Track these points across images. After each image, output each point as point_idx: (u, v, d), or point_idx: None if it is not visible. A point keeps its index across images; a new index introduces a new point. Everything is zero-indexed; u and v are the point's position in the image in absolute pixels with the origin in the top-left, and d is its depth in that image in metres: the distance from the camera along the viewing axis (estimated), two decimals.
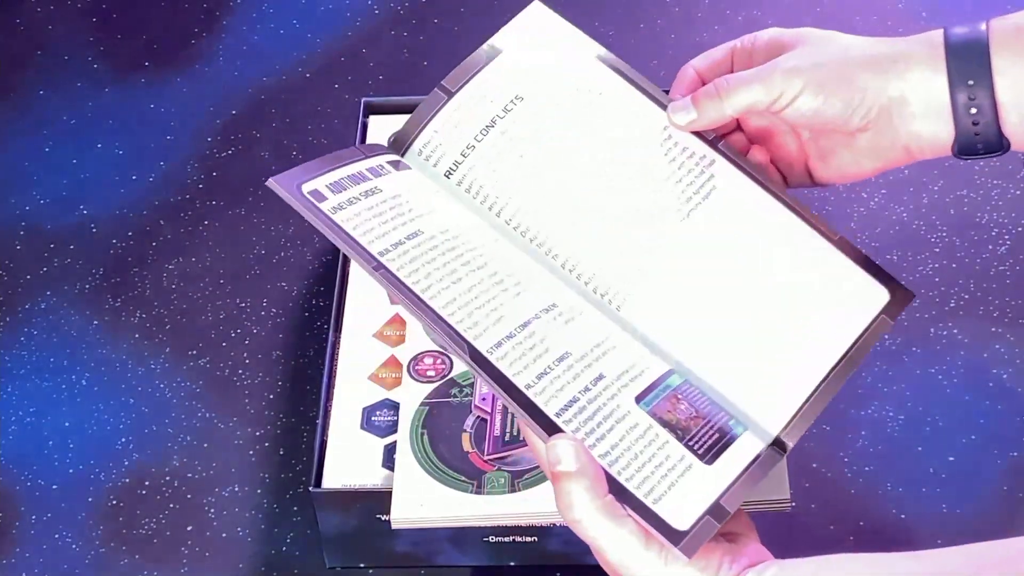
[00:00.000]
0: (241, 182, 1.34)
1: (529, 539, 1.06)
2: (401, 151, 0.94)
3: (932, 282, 1.23)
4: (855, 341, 0.88)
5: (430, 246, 0.87)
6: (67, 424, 1.19)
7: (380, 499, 1.03)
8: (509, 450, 1.02)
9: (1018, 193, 1.29)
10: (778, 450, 0.84)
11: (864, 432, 1.15)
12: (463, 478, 1.01)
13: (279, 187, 0.86)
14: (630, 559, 0.78)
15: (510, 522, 1.00)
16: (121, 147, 1.38)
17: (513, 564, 1.08)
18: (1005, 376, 1.18)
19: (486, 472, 1.01)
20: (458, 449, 1.03)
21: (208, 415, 1.19)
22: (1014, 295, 1.22)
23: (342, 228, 0.86)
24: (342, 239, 0.85)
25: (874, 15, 1.43)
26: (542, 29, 0.97)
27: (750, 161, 0.94)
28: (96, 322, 1.25)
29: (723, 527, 0.81)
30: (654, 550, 0.78)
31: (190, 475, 1.16)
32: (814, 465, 1.13)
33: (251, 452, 1.17)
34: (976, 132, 0.88)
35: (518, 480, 1.01)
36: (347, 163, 0.91)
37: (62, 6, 1.50)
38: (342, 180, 0.89)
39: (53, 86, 1.43)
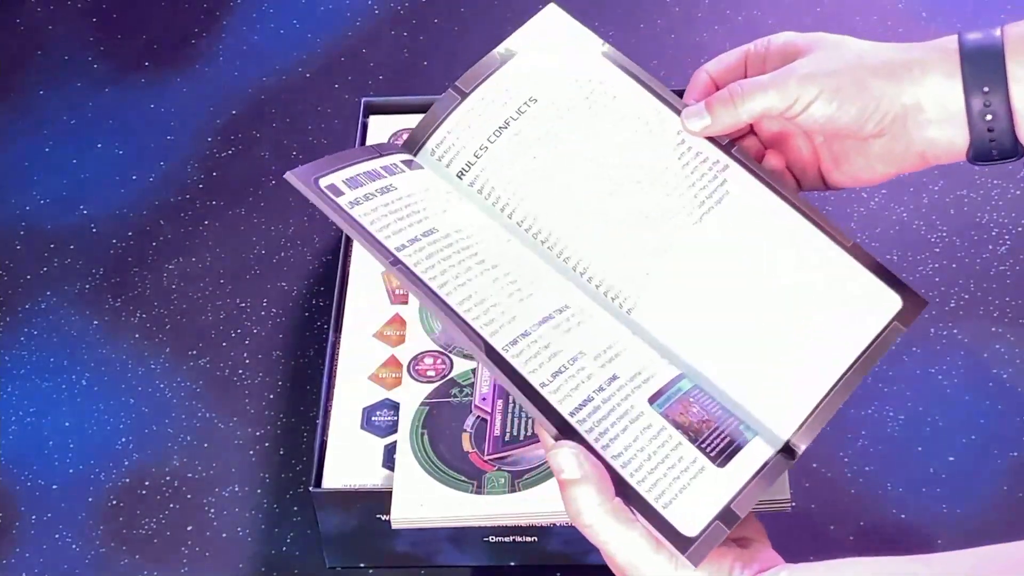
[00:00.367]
0: (241, 182, 1.34)
1: (529, 539, 1.06)
2: (414, 151, 0.95)
3: (932, 282, 1.23)
4: (866, 348, 0.88)
5: (445, 243, 0.87)
6: (67, 424, 1.19)
7: (380, 499, 1.03)
8: (509, 450, 1.02)
9: (1018, 193, 1.29)
10: (787, 456, 0.84)
11: (864, 432, 1.15)
12: (463, 478, 1.01)
13: (297, 180, 0.86)
14: (640, 561, 0.78)
15: (510, 522, 1.00)
16: (121, 147, 1.38)
17: (513, 564, 1.08)
18: (1005, 376, 1.18)
19: (486, 472, 1.01)
20: (458, 449, 1.03)
21: (208, 415, 1.19)
22: (1014, 295, 1.22)
23: (360, 223, 0.86)
24: (360, 233, 0.86)
25: (874, 15, 1.43)
26: (557, 32, 0.97)
27: (763, 167, 0.94)
28: (96, 322, 1.25)
29: (735, 532, 0.80)
30: (664, 554, 0.78)
31: (190, 475, 1.16)
32: (814, 465, 1.13)
33: (251, 452, 1.17)
34: (991, 139, 0.88)
35: (518, 480, 1.01)
36: (362, 160, 0.91)
37: (62, 6, 1.50)
38: (358, 176, 0.89)
39: (53, 86, 1.43)
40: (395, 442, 1.04)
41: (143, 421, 1.19)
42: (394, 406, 1.08)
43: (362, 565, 1.09)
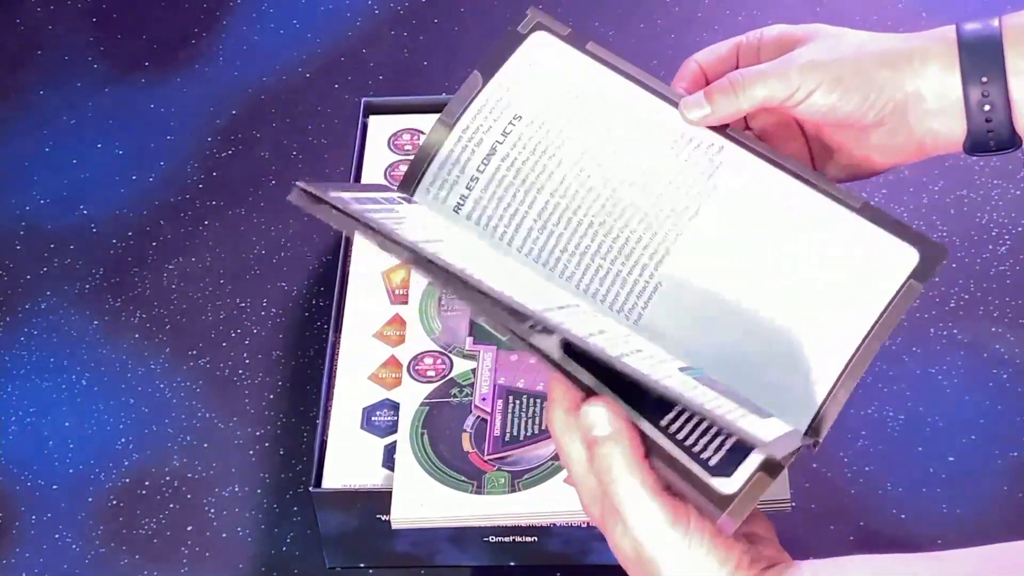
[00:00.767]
0: (241, 182, 1.34)
1: (529, 539, 1.06)
2: (411, 190, 0.93)
3: (932, 282, 1.23)
4: (884, 309, 0.86)
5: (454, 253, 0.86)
6: (67, 424, 1.19)
7: (380, 499, 1.03)
8: (509, 450, 1.02)
9: (1018, 193, 1.29)
10: (813, 434, 0.83)
11: (864, 432, 1.15)
12: (463, 478, 1.01)
13: (309, 187, 0.83)
14: (653, 535, 0.77)
15: (510, 522, 1.00)
16: (121, 147, 1.38)
17: (513, 564, 1.08)
18: (1005, 376, 1.18)
19: (486, 472, 1.01)
20: (458, 449, 1.03)
21: (208, 415, 1.19)
22: (1014, 295, 1.22)
23: (377, 219, 0.84)
24: (378, 226, 0.83)
25: (874, 15, 1.44)
26: (542, 51, 0.95)
27: (760, 141, 0.92)
28: (96, 322, 1.25)
29: (744, 527, 0.80)
30: (679, 530, 0.77)
31: (190, 475, 1.16)
32: (814, 465, 1.13)
33: (251, 452, 1.17)
34: (989, 129, 0.88)
35: (518, 480, 1.01)
36: (363, 190, 0.90)
37: (62, 6, 1.50)
38: (363, 198, 0.88)
39: (53, 86, 1.43)
40: (395, 442, 1.05)
41: (143, 421, 1.19)
42: (394, 406, 1.08)
43: (362, 565, 1.09)
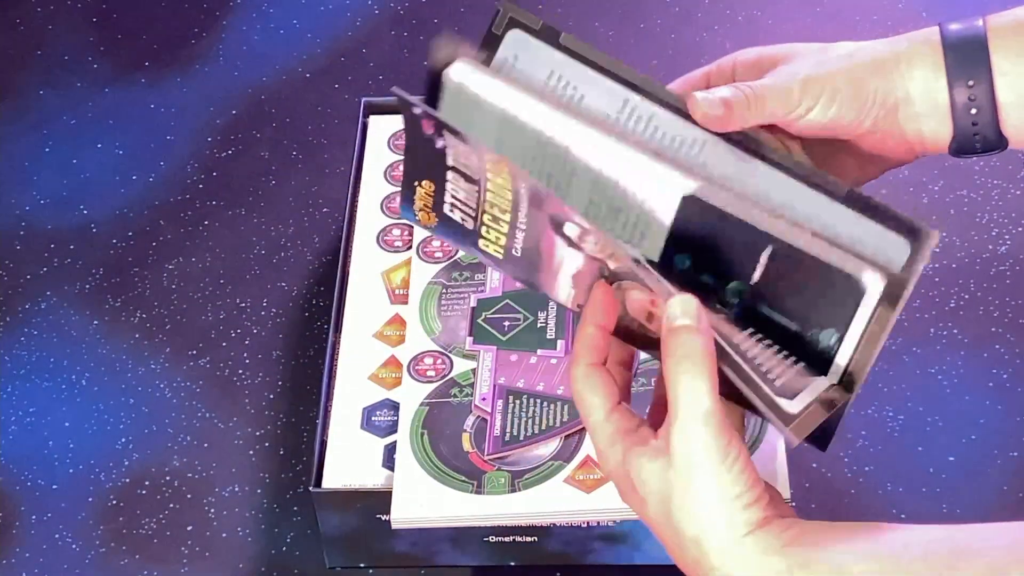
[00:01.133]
0: (241, 182, 1.34)
1: (529, 539, 1.06)
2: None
3: (932, 282, 1.23)
4: (858, 341, 0.86)
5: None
6: (67, 424, 1.19)
7: (380, 499, 1.03)
8: (509, 450, 1.02)
9: (1018, 193, 1.29)
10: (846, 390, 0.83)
11: (864, 432, 1.15)
12: (463, 478, 1.01)
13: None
14: (699, 438, 0.75)
15: (510, 522, 1.00)
16: (121, 147, 1.38)
17: (513, 564, 1.08)
18: (1005, 376, 1.18)
19: (486, 472, 1.01)
20: (458, 449, 1.03)
21: (208, 415, 1.19)
22: (1014, 295, 1.22)
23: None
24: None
25: (874, 15, 1.44)
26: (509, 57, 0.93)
27: (744, 133, 0.90)
28: (96, 322, 1.25)
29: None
30: (723, 440, 0.75)
31: (190, 475, 1.16)
32: (814, 465, 1.13)
33: (251, 452, 1.17)
34: (975, 132, 0.88)
35: (518, 480, 1.01)
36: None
37: (62, 6, 1.50)
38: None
39: (53, 86, 1.43)
40: (395, 442, 1.05)
41: (143, 421, 1.19)
42: (394, 406, 1.08)
43: (362, 565, 1.09)
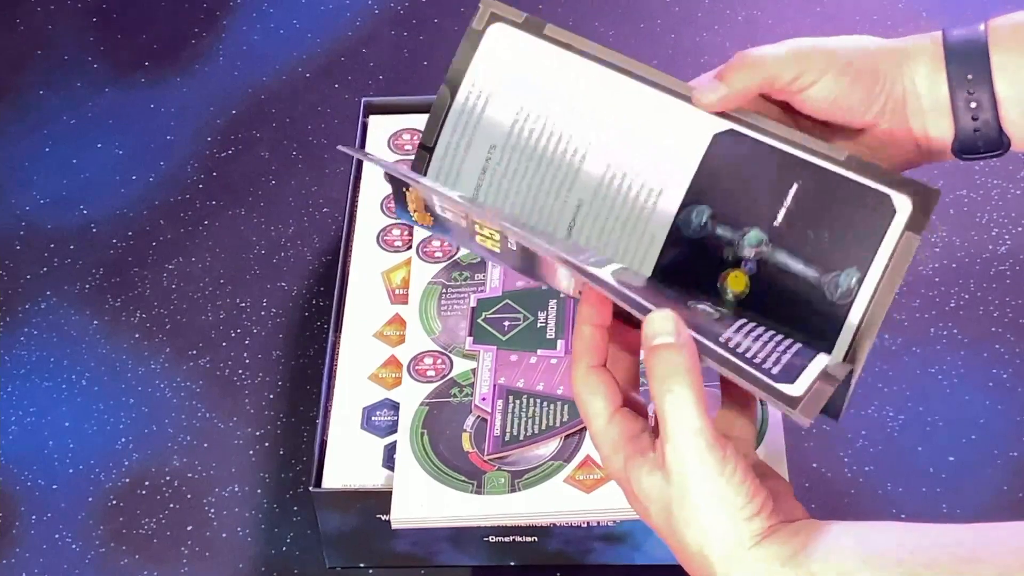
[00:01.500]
0: (241, 182, 1.34)
1: (529, 539, 1.06)
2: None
3: (932, 282, 1.23)
4: (880, 277, 0.85)
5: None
6: (67, 424, 1.19)
7: (380, 499, 1.03)
8: (509, 450, 1.02)
9: (1018, 193, 1.29)
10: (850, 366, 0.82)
11: (864, 432, 1.15)
12: (463, 478, 1.01)
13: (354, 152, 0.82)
14: (693, 455, 0.75)
15: (510, 522, 1.00)
16: (121, 147, 1.38)
17: (513, 564, 1.08)
18: (1005, 376, 1.18)
19: (486, 472, 1.01)
20: (458, 449, 1.03)
21: (208, 415, 1.19)
22: (1014, 295, 1.22)
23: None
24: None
25: (874, 15, 1.44)
26: (505, 49, 0.93)
27: (745, 112, 0.90)
28: (96, 322, 1.25)
29: (767, 483, 0.79)
30: (717, 454, 0.75)
31: (190, 475, 1.16)
32: (814, 465, 1.13)
33: (251, 452, 1.17)
34: (976, 128, 0.87)
35: (518, 480, 1.01)
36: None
37: (62, 6, 1.50)
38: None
39: (53, 86, 1.43)
40: (395, 442, 1.05)
41: (143, 421, 1.19)
42: (394, 406, 1.08)
43: (362, 565, 1.09)
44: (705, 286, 0.86)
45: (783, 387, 0.77)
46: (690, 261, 0.86)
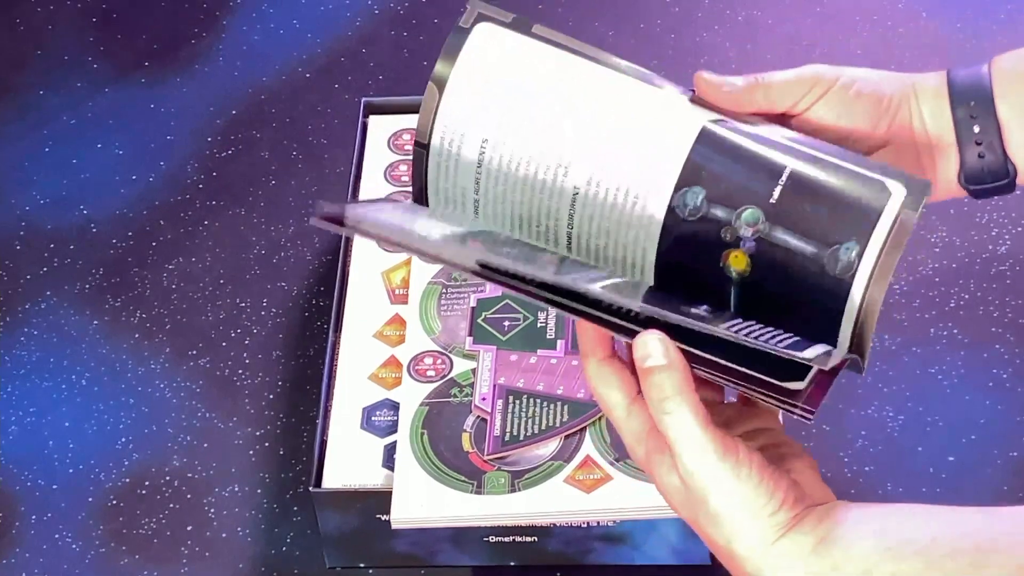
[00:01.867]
0: (241, 182, 1.34)
1: (529, 539, 1.06)
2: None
3: (932, 282, 1.23)
4: (879, 251, 0.85)
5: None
6: (67, 424, 1.19)
7: (380, 499, 1.03)
8: (509, 450, 1.02)
9: (1018, 193, 1.29)
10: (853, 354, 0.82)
11: (864, 432, 1.15)
12: (463, 478, 1.01)
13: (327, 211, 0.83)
14: (703, 467, 0.76)
15: (510, 522, 1.00)
16: (121, 147, 1.38)
17: (513, 564, 1.08)
18: (1005, 376, 1.18)
19: (486, 472, 1.01)
20: (458, 449, 1.03)
21: (208, 415, 1.19)
22: (1014, 295, 1.22)
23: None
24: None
25: (874, 15, 1.43)
26: (492, 48, 0.93)
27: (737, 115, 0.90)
28: (96, 322, 1.25)
29: (786, 464, 0.79)
30: (729, 462, 0.76)
31: (190, 475, 1.16)
32: None
33: (251, 452, 1.17)
34: (980, 154, 0.88)
35: (518, 480, 1.01)
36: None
37: (62, 6, 1.50)
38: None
39: (53, 86, 1.43)
40: (395, 442, 1.05)
41: (143, 421, 1.19)
42: (394, 406, 1.08)
43: (362, 565, 1.09)
44: (708, 268, 0.86)
45: (785, 384, 0.77)
46: (691, 243, 0.86)
